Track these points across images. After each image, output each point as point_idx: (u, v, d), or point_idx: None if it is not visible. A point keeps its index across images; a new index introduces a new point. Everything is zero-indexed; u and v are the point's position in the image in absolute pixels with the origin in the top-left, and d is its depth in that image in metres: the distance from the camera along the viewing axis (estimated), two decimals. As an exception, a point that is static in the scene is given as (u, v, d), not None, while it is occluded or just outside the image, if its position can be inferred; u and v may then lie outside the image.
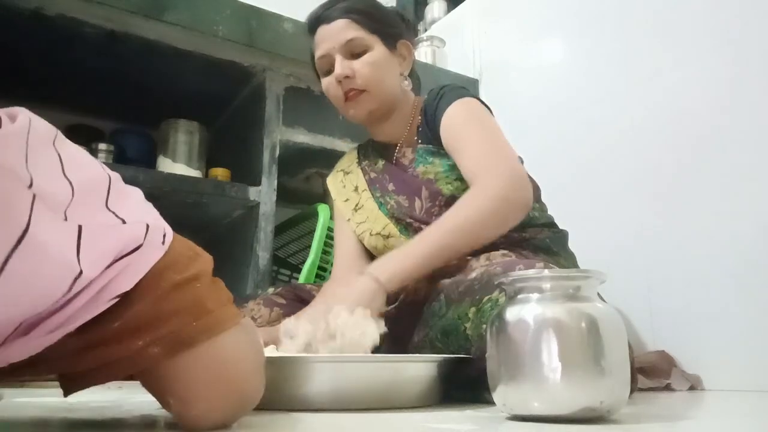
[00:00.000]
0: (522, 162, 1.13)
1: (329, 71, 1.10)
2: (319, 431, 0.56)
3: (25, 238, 0.36)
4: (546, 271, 0.58)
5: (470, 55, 1.96)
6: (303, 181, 1.80)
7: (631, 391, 0.88)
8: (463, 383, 0.79)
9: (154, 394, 0.47)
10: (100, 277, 0.40)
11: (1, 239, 0.35)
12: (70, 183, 0.43)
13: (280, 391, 0.67)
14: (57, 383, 0.49)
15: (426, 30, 2.27)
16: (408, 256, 0.89)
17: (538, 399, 0.55)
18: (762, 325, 1.08)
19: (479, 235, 0.92)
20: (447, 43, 2.02)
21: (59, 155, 0.44)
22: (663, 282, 1.26)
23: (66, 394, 0.47)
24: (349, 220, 1.18)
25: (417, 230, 1.05)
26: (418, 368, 0.74)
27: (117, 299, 0.41)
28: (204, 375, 0.44)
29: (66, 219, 0.41)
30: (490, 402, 0.63)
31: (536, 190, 1.14)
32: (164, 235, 0.45)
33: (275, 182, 1.42)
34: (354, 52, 1.08)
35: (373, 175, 1.18)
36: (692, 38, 1.29)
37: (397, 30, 1.14)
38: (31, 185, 0.39)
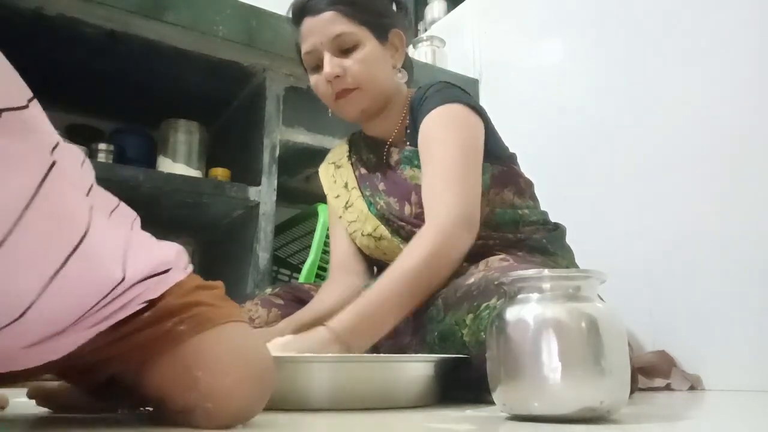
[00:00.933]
0: (515, 158, 1.12)
1: (317, 66, 1.04)
2: (319, 426, 0.56)
3: (84, 241, 0.40)
4: (546, 271, 0.58)
5: (470, 55, 1.96)
6: (303, 181, 1.80)
7: (632, 391, 0.88)
8: (463, 386, 0.78)
9: (173, 385, 0.47)
10: (137, 286, 0.45)
11: (64, 240, 0.39)
12: (114, 202, 0.51)
13: (281, 390, 0.67)
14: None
15: (426, 30, 2.27)
16: (372, 323, 0.83)
17: (538, 399, 0.55)
18: (762, 325, 1.08)
19: (421, 288, 0.86)
20: (447, 43, 2.01)
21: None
22: (663, 282, 1.26)
23: (86, 386, 0.50)
24: (340, 217, 1.15)
25: (409, 233, 1.02)
26: (416, 368, 0.74)
27: (146, 303, 0.46)
28: (228, 353, 0.47)
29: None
30: (490, 402, 0.63)
31: (528, 186, 1.11)
32: (188, 261, 0.53)
33: (275, 182, 1.42)
34: (343, 47, 1.01)
35: (363, 171, 1.14)
36: (692, 38, 1.29)
37: (388, 20, 1.07)
38: (88, 193, 0.44)
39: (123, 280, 0.43)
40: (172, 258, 0.50)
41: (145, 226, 0.50)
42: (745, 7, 1.19)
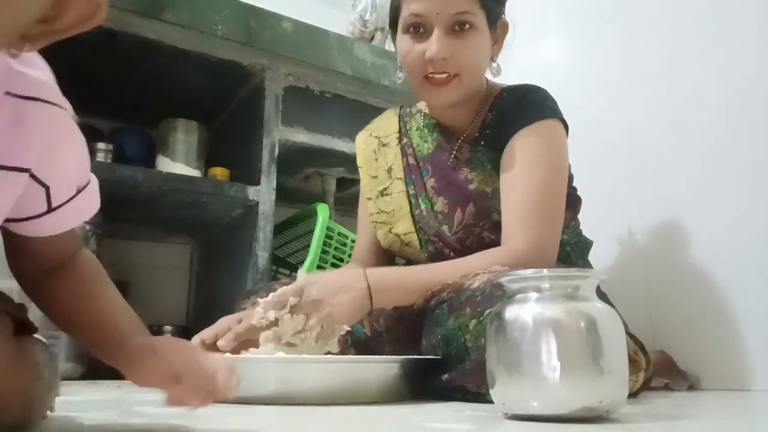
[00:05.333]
0: (572, 179, 1.06)
1: (417, 32, 0.94)
2: (318, 425, 0.56)
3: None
4: (545, 271, 0.58)
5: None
6: (302, 181, 1.80)
7: (645, 388, 0.87)
8: (462, 392, 0.78)
9: None
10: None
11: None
12: None
13: (283, 388, 0.67)
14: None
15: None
16: (403, 288, 0.86)
17: (537, 398, 0.55)
18: (762, 325, 1.08)
19: None
20: (446, 42, 2.01)
21: None
22: (663, 282, 1.26)
23: None
24: (369, 199, 1.07)
25: (439, 253, 0.98)
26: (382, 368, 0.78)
27: None
28: None
29: None
30: (489, 402, 0.63)
31: (578, 202, 1.08)
32: None
33: (274, 182, 1.42)
34: (457, 26, 0.92)
35: (412, 160, 1.04)
36: (692, 38, 1.29)
37: (501, 8, 1.00)
38: None
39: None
40: None
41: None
42: (745, 7, 1.19)
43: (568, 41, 1.64)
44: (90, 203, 0.49)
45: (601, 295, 0.80)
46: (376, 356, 0.92)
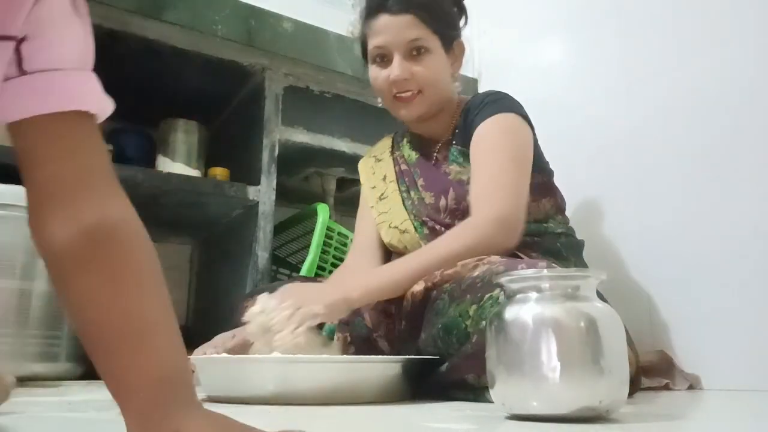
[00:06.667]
0: (552, 174, 1.17)
1: (382, 61, 1.08)
2: (318, 425, 0.56)
3: None
4: (545, 271, 0.59)
5: (469, 55, 1.95)
6: (302, 181, 1.80)
7: (635, 391, 0.88)
8: (463, 387, 0.79)
9: None
10: None
11: None
12: None
13: (283, 388, 0.67)
14: (57, 384, 0.49)
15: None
16: (384, 277, 0.95)
17: (537, 398, 0.55)
18: (762, 325, 1.08)
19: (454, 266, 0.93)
20: (446, 42, 2.01)
21: None
22: (663, 282, 1.25)
23: None
24: (372, 207, 1.19)
25: (432, 230, 1.08)
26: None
27: None
28: None
29: None
30: (489, 401, 0.63)
31: (563, 202, 1.17)
32: None
33: (274, 182, 1.42)
34: (414, 52, 1.06)
35: (404, 167, 1.18)
36: (692, 38, 1.29)
37: (456, 31, 1.14)
38: None
39: None
40: None
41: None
42: (745, 7, 1.19)
43: (568, 41, 1.64)
44: (88, 89, 0.41)
45: (598, 296, 0.80)
46: (376, 356, 0.93)
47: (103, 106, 0.42)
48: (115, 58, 1.40)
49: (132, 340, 0.36)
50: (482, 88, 1.85)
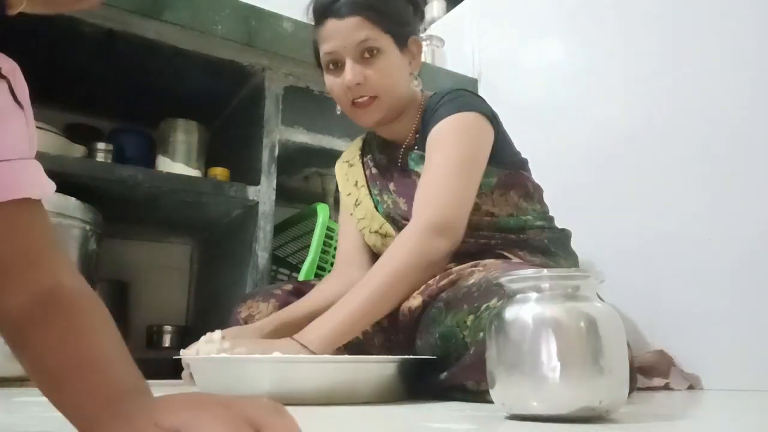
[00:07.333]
0: (526, 164, 1.14)
1: (336, 68, 1.05)
2: (317, 426, 0.56)
3: None
4: (545, 271, 0.58)
5: (469, 55, 1.96)
6: (302, 181, 1.80)
7: (631, 391, 0.88)
8: (462, 391, 0.79)
9: None
10: None
11: None
12: None
13: (280, 388, 0.67)
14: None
15: (425, 29, 2.27)
16: (336, 322, 0.86)
17: (537, 398, 0.55)
18: (761, 325, 1.08)
19: (399, 294, 0.91)
20: (446, 42, 2.01)
21: None
22: (662, 282, 1.26)
23: None
24: (351, 214, 1.17)
25: None
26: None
27: None
28: None
29: None
30: (489, 401, 0.63)
31: (537, 190, 1.13)
32: None
33: (274, 182, 1.42)
34: (366, 54, 1.02)
35: (374, 171, 1.16)
36: (692, 38, 1.29)
37: (408, 28, 1.08)
38: None
39: None
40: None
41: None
42: (745, 7, 1.19)
43: (568, 41, 1.64)
44: (29, 177, 0.44)
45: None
46: (375, 356, 0.92)
47: (45, 190, 0.46)
48: (115, 58, 1.40)
49: (89, 371, 0.38)
50: (482, 88, 1.85)
